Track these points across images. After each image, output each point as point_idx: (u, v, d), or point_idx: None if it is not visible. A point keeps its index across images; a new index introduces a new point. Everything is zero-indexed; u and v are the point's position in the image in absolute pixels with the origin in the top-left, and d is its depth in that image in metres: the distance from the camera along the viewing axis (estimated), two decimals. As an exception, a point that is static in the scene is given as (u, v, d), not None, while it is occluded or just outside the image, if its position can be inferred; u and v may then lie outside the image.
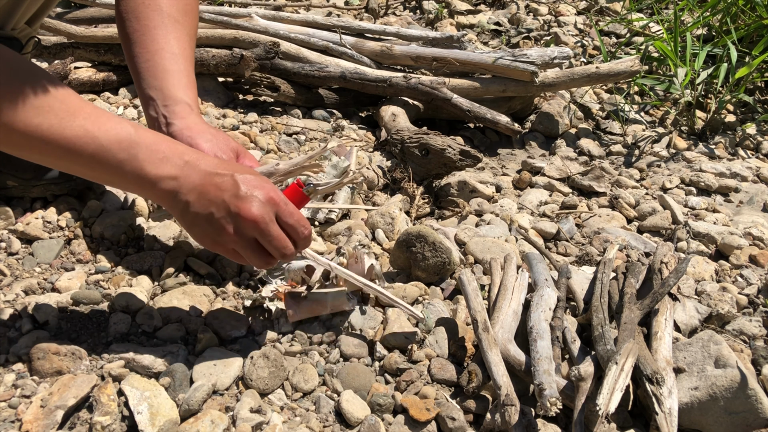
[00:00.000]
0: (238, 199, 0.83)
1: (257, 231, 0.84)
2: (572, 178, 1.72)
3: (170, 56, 1.03)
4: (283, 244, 0.86)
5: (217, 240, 0.85)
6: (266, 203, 0.84)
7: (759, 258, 1.39)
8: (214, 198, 0.83)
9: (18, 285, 1.05)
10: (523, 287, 1.11)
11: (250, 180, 0.85)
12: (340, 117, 1.83)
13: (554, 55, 1.97)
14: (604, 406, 0.82)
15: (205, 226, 0.84)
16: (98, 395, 0.83)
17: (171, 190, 0.83)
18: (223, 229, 0.84)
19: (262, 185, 0.85)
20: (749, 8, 2.35)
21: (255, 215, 0.83)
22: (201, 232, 0.86)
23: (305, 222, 0.88)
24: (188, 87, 1.04)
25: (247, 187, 0.84)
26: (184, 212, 0.85)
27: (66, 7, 2.18)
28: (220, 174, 0.84)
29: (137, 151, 0.81)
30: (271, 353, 0.94)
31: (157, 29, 1.04)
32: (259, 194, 0.84)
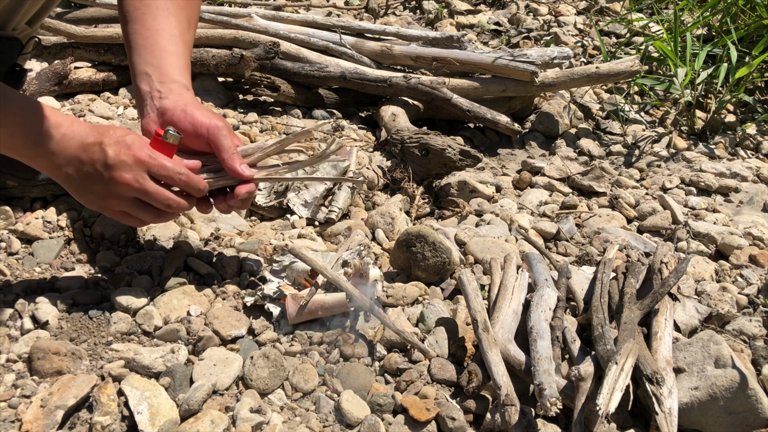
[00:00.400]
0: (108, 168, 0.88)
1: (135, 192, 0.90)
2: (572, 178, 1.72)
3: (170, 37, 1.04)
4: (165, 196, 0.91)
5: (103, 205, 0.92)
6: (135, 165, 0.89)
7: (759, 258, 1.39)
8: (88, 169, 0.89)
9: (18, 285, 1.05)
10: (523, 287, 1.11)
11: (117, 144, 0.89)
12: (340, 117, 1.83)
13: (554, 55, 1.97)
14: (604, 406, 0.82)
15: (87, 194, 0.91)
16: (98, 395, 0.83)
17: (52, 165, 0.90)
18: (105, 195, 0.90)
19: (128, 146, 0.89)
20: (749, 8, 2.35)
21: (127, 179, 0.88)
22: (86, 199, 0.93)
23: (180, 169, 0.92)
24: (185, 69, 1.05)
25: (114, 153, 0.88)
26: (68, 182, 0.91)
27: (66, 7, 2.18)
28: (91, 143, 0.89)
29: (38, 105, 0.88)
30: (271, 353, 0.94)
31: (159, 10, 1.04)
32: (126, 158, 0.88)
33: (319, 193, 1.36)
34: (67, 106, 1.66)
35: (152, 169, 0.90)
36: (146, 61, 1.02)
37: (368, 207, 1.45)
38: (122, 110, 1.70)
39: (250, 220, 1.34)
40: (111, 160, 0.88)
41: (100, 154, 0.88)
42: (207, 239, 1.23)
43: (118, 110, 1.69)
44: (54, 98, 1.68)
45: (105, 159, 0.88)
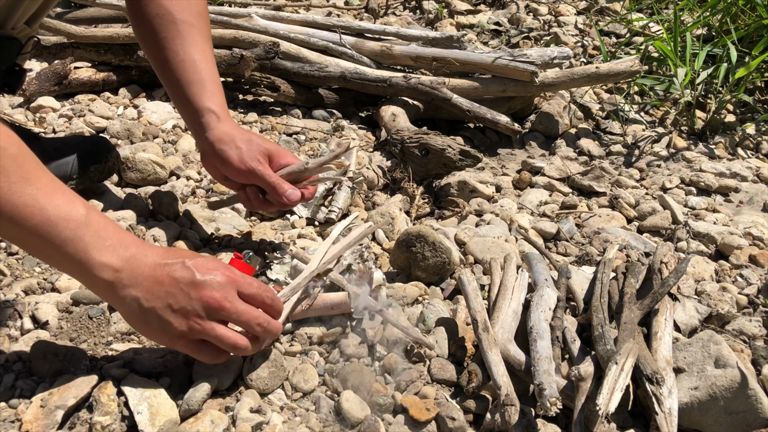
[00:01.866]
0: (197, 286, 0.78)
1: (225, 312, 0.79)
2: (572, 178, 1.72)
3: (190, 66, 1.06)
4: (254, 315, 0.82)
5: (177, 333, 0.79)
6: (225, 283, 0.80)
7: (759, 258, 1.39)
8: (169, 289, 0.78)
9: (18, 285, 1.05)
10: (523, 287, 1.11)
11: (201, 263, 0.80)
12: (340, 117, 1.83)
13: (554, 55, 1.97)
14: (604, 406, 0.82)
15: (161, 320, 0.78)
16: (98, 395, 0.83)
17: (113, 282, 0.78)
18: (185, 320, 0.78)
19: (215, 266, 0.81)
20: (749, 8, 2.35)
21: (218, 298, 0.78)
22: (158, 328, 0.79)
23: (266, 287, 0.85)
24: (213, 93, 1.07)
25: (202, 272, 0.79)
26: (135, 309, 0.79)
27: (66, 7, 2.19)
28: (170, 263, 0.79)
29: (84, 233, 0.76)
30: (271, 353, 0.94)
31: (174, 40, 1.06)
32: (216, 276, 0.80)
33: (319, 193, 1.36)
34: (67, 106, 1.66)
35: (241, 286, 0.81)
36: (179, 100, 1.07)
37: (368, 207, 1.45)
38: (122, 110, 1.70)
39: (250, 220, 1.34)
40: (199, 278, 0.78)
41: (185, 271, 0.78)
42: (207, 239, 1.23)
43: (118, 110, 1.69)
44: (54, 98, 1.68)
45: (193, 277, 0.78)
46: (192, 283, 0.78)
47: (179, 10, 1.07)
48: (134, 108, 1.71)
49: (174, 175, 1.44)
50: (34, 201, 0.74)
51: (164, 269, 0.79)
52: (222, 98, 1.08)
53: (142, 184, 1.38)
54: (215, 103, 1.05)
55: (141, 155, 1.38)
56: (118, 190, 1.35)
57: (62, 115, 1.62)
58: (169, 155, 1.50)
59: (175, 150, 1.54)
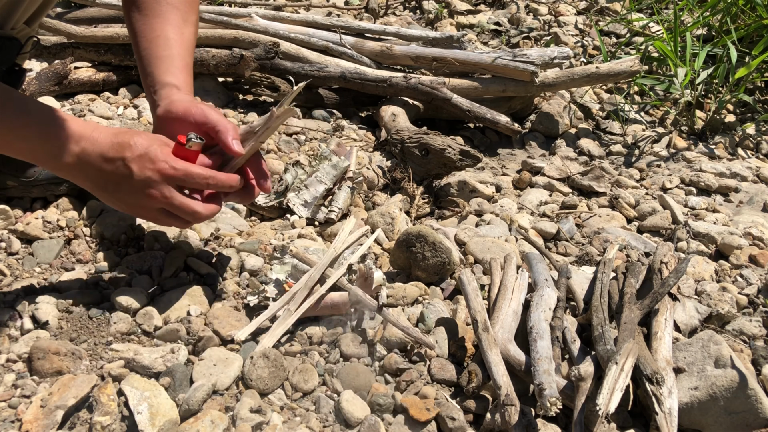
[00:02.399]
0: (134, 184, 0.89)
1: (164, 205, 0.91)
2: (572, 178, 1.72)
3: (164, 42, 1.04)
4: (191, 209, 0.92)
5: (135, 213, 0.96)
6: (161, 179, 0.89)
7: (759, 258, 1.39)
8: (114, 180, 0.90)
9: (18, 285, 1.05)
10: (523, 287, 1.11)
11: (140, 159, 0.89)
12: (340, 117, 1.83)
13: (554, 55, 1.97)
14: (604, 406, 0.82)
15: (117, 203, 0.93)
16: (98, 395, 0.83)
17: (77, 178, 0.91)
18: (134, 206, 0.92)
19: (152, 160, 0.89)
20: (749, 8, 2.35)
21: (154, 194, 0.89)
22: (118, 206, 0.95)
23: (206, 173, 0.92)
24: (179, 69, 1.04)
25: (139, 169, 0.88)
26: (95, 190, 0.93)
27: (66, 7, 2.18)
28: (112, 158, 0.89)
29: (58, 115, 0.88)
30: (271, 353, 0.94)
31: (156, 18, 1.05)
32: (151, 173, 0.89)
33: (319, 193, 1.36)
34: (67, 106, 1.66)
35: (178, 180, 0.90)
36: (145, 72, 1.05)
37: (368, 207, 1.45)
38: (122, 110, 1.70)
39: (250, 220, 1.34)
40: (136, 176, 0.89)
41: (124, 169, 0.89)
42: (207, 239, 1.23)
43: (118, 110, 1.69)
44: (54, 98, 1.68)
45: (130, 175, 0.89)
46: (130, 181, 0.89)
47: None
48: (134, 108, 1.71)
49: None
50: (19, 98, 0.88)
51: (108, 164, 0.89)
52: (189, 78, 1.04)
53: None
54: (179, 79, 1.02)
55: (141, 155, 1.38)
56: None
57: (62, 115, 1.62)
58: (169, 155, 1.50)
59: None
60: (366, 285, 1.05)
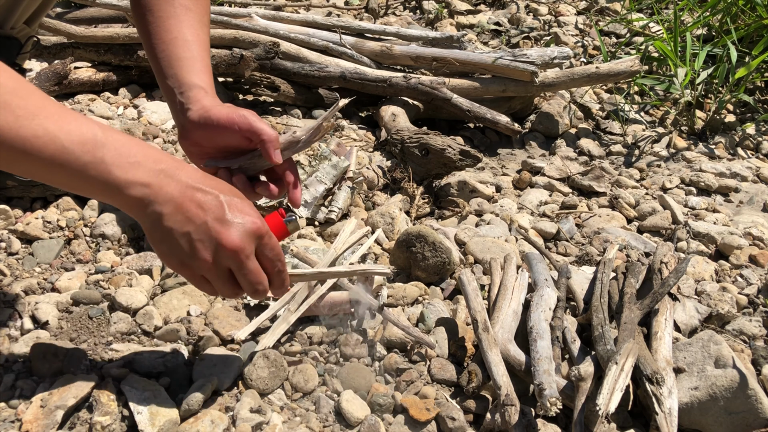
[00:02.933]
0: (222, 224, 0.75)
1: (235, 262, 0.77)
2: (572, 178, 1.72)
3: (183, 43, 1.00)
4: (258, 280, 0.79)
5: (186, 263, 0.77)
6: (250, 233, 0.77)
7: (759, 258, 1.39)
8: (194, 216, 0.75)
9: (18, 285, 1.05)
10: (523, 287, 1.11)
11: (236, 204, 0.77)
12: (340, 117, 1.83)
13: (554, 55, 1.97)
14: (604, 406, 0.82)
15: (176, 244, 0.76)
16: (98, 395, 0.83)
17: (142, 198, 0.74)
18: (198, 252, 0.75)
19: (248, 212, 0.78)
20: (749, 8, 2.35)
21: (237, 245, 0.75)
22: (169, 250, 0.77)
23: (283, 258, 0.82)
24: (202, 71, 1.00)
25: (233, 213, 0.76)
26: (155, 225, 0.75)
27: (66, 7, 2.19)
28: (204, 191, 0.76)
29: (103, 154, 0.72)
30: (271, 353, 0.94)
31: (169, 19, 1.03)
32: (245, 221, 0.76)
33: (319, 193, 1.36)
34: (67, 106, 1.66)
35: (263, 245, 0.78)
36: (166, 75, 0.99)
37: (368, 207, 1.45)
38: (122, 110, 1.70)
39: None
40: (228, 217, 0.75)
41: (217, 207, 0.75)
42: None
43: (118, 110, 1.69)
44: (54, 98, 1.68)
45: (222, 214, 0.75)
46: (219, 220, 0.75)
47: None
48: (134, 108, 1.71)
49: (174, 175, 1.43)
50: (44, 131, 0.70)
51: (195, 195, 0.75)
52: (211, 79, 1.01)
53: (142, 184, 1.38)
54: (204, 81, 0.98)
55: (141, 155, 1.38)
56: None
57: (62, 115, 1.62)
58: (169, 155, 1.50)
59: (175, 150, 1.54)
60: (367, 285, 1.05)
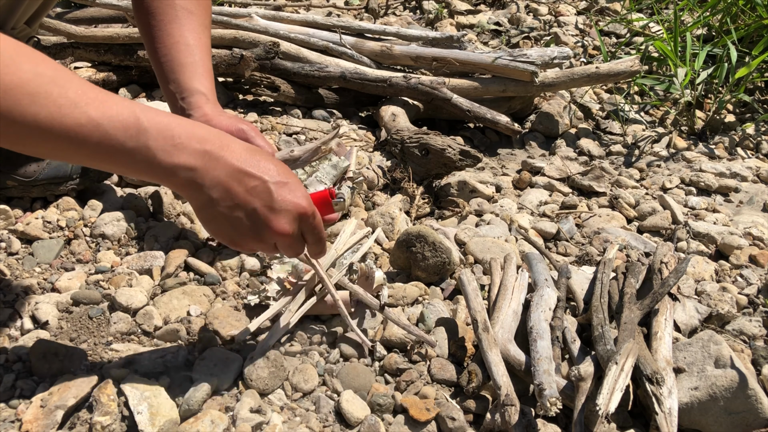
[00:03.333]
0: (272, 212, 0.78)
1: (282, 243, 0.81)
2: (572, 178, 1.72)
3: (185, 48, 1.02)
4: (297, 253, 0.84)
5: (236, 242, 0.81)
6: (297, 217, 0.80)
7: (759, 258, 1.39)
8: (243, 203, 0.77)
9: (18, 285, 1.05)
10: (523, 287, 1.11)
11: (283, 188, 0.79)
12: (340, 117, 1.83)
13: (554, 55, 1.97)
14: (604, 406, 0.82)
15: (226, 226, 0.79)
16: (98, 395, 0.83)
17: (191, 181, 0.75)
18: (247, 235, 0.79)
19: (296, 196, 0.80)
20: (749, 8, 2.35)
21: (285, 230, 0.79)
22: (219, 230, 0.80)
23: (323, 234, 0.86)
24: (203, 76, 1.02)
25: (282, 200, 0.78)
26: (206, 207, 0.78)
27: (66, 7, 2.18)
28: (252, 175, 0.77)
29: (147, 138, 0.73)
30: (271, 353, 0.94)
31: (171, 23, 1.04)
32: (293, 208, 0.79)
33: (319, 193, 1.36)
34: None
35: (308, 226, 0.82)
36: (168, 79, 1.01)
37: (368, 207, 1.45)
38: (122, 110, 1.70)
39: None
40: (277, 206, 0.78)
41: (265, 192, 0.78)
42: (207, 239, 1.23)
43: (118, 110, 1.69)
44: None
45: (271, 202, 0.78)
46: (268, 207, 0.78)
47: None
48: (134, 108, 1.71)
49: (174, 175, 1.43)
50: (87, 119, 0.71)
51: (243, 180, 0.77)
52: (212, 84, 1.04)
53: (142, 184, 1.38)
54: (205, 86, 1.01)
55: (141, 155, 1.38)
56: (118, 190, 1.35)
57: (62, 115, 1.62)
58: (169, 155, 1.50)
59: (175, 150, 1.54)
60: (367, 284, 1.05)
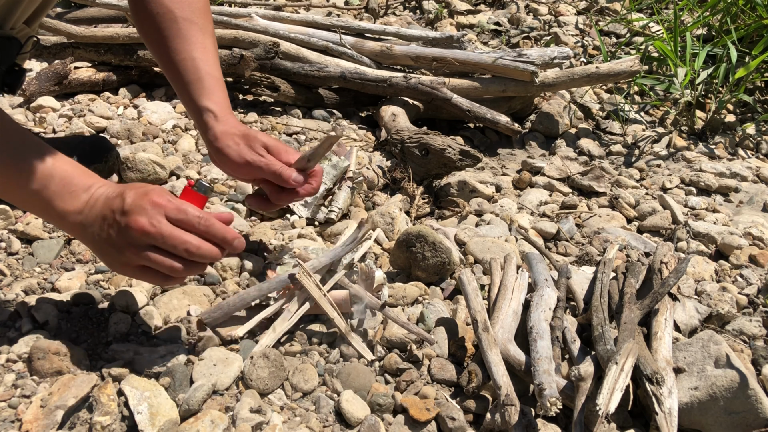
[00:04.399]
0: (124, 215, 0.82)
1: (150, 237, 0.81)
2: (572, 178, 1.72)
3: (191, 64, 1.07)
4: (182, 240, 0.82)
5: (122, 261, 0.84)
6: (151, 207, 0.82)
7: (759, 258, 1.39)
8: (110, 221, 0.83)
9: (18, 285, 1.05)
10: (523, 287, 1.11)
11: (135, 194, 0.83)
12: (340, 117, 1.83)
13: (554, 55, 1.97)
14: (604, 406, 0.82)
15: (109, 250, 0.84)
16: (98, 395, 0.83)
17: (78, 224, 0.84)
18: (122, 247, 0.82)
19: (146, 193, 0.83)
20: (749, 8, 2.35)
21: (141, 222, 0.81)
22: (109, 258, 0.85)
23: (199, 213, 0.85)
24: (211, 91, 1.07)
25: (131, 200, 0.82)
26: (93, 243, 0.85)
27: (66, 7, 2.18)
28: (112, 197, 0.84)
29: (49, 183, 0.83)
30: (271, 353, 0.94)
31: (174, 39, 1.07)
32: (142, 202, 0.82)
33: (319, 193, 1.36)
34: (67, 106, 1.66)
35: (169, 212, 0.83)
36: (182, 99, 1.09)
37: (368, 207, 1.45)
38: (122, 110, 1.70)
39: (250, 220, 1.34)
40: (127, 205, 0.82)
41: (119, 203, 0.83)
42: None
43: (118, 110, 1.69)
44: (54, 98, 1.68)
45: (122, 206, 0.82)
46: (121, 212, 0.82)
47: (180, 7, 1.07)
48: (134, 108, 1.71)
49: (174, 175, 1.44)
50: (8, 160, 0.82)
51: (107, 204, 0.84)
52: (221, 94, 1.08)
53: (142, 184, 1.38)
54: (213, 101, 1.06)
55: (141, 155, 1.38)
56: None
57: (62, 115, 1.62)
58: (169, 155, 1.50)
59: (175, 150, 1.54)
60: (367, 284, 1.05)
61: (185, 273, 0.85)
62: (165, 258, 0.83)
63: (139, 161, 1.37)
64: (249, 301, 1.01)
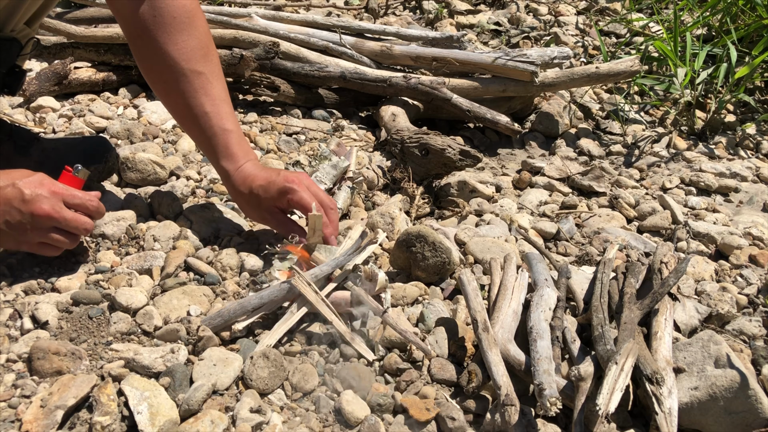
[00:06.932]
0: (26, 203, 0.96)
1: (53, 222, 0.98)
2: (572, 178, 1.72)
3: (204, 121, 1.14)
4: (81, 221, 1.01)
5: (21, 240, 1.00)
6: (51, 196, 0.98)
7: (759, 258, 1.39)
8: (5, 209, 0.96)
9: (18, 285, 1.05)
10: (523, 287, 1.11)
11: (29, 182, 0.97)
12: (340, 117, 1.83)
13: (554, 55, 1.97)
14: (604, 406, 0.82)
15: (9, 232, 0.98)
16: (98, 395, 0.83)
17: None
18: (24, 230, 0.98)
19: (41, 183, 0.98)
20: (749, 8, 2.36)
21: (47, 210, 0.97)
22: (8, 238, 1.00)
23: (89, 197, 1.03)
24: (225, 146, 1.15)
25: (31, 189, 0.97)
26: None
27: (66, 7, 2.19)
28: (4, 187, 0.96)
29: None
30: (271, 353, 0.94)
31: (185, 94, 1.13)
32: (43, 191, 0.97)
33: (319, 193, 1.36)
34: (67, 106, 1.66)
35: (66, 198, 1.00)
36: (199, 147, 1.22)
37: (368, 207, 1.45)
38: (122, 110, 1.70)
39: (250, 220, 1.34)
40: (28, 195, 0.96)
41: (16, 192, 0.96)
42: (207, 239, 1.23)
43: (118, 110, 1.69)
44: (54, 98, 1.68)
45: (22, 195, 0.96)
46: (22, 201, 0.96)
47: (186, 58, 1.09)
48: (134, 108, 1.71)
49: (174, 175, 1.44)
50: None
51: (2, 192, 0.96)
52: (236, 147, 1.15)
53: (142, 184, 1.38)
54: (228, 158, 1.15)
55: (141, 155, 1.38)
56: (118, 190, 1.35)
57: (62, 115, 1.62)
58: (169, 155, 1.50)
59: (175, 150, 1.54)
60: (370, 287, 1.05)
61: (73, 244, 1.04)
62: (62, 236, 1.01)
63: (138, 161, 1.37)
64: (249, 309, 1.01)
